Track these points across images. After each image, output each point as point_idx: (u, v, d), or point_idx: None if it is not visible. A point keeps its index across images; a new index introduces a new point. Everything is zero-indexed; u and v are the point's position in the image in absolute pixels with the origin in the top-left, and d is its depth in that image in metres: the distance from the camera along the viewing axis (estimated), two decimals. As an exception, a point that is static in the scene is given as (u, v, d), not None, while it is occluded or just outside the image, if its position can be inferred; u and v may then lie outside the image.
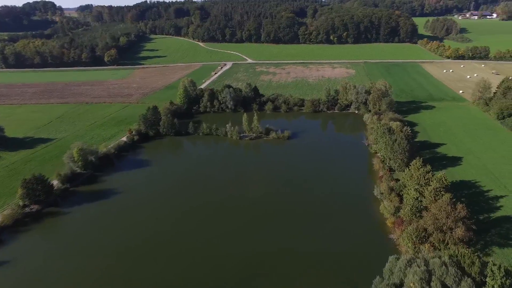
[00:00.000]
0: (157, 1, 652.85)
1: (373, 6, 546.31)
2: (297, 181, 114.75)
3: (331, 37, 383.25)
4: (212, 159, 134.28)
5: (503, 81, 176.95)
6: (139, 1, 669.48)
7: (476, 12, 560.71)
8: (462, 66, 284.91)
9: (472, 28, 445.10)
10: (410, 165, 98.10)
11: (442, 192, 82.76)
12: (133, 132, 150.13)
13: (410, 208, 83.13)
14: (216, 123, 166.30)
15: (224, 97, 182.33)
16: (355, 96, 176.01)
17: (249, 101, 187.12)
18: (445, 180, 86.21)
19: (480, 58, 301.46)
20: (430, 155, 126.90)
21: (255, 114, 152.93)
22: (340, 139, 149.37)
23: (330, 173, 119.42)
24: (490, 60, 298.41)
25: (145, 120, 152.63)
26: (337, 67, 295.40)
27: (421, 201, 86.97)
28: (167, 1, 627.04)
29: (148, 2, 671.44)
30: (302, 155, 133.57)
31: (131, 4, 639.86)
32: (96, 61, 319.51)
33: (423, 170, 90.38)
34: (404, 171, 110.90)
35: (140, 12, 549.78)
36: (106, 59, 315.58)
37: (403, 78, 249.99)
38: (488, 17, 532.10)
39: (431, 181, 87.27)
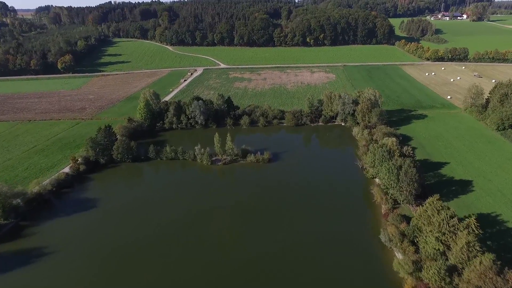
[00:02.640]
0: (122, 2, 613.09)
1: (347, 7, 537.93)
2: (280, 220, 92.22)
3: (308, 39, 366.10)
4: (178, 193, 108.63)
5: (495, 87, 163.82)
6: (103, 2, 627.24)
7: (447, 13, 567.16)
8: (443, 68, 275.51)
9: (446, 28, 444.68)
10: (425, 204, 78.11)
11: (477, 247, 62.94)
12: (79, 160, 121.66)
13: (438, 271, 62.47)
14: (184, 143, 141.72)
15: (192, 111, 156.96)
16: (341, 107, 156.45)
17: (222, 114, 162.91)
18: (477, 228, 66.60)
19: (460, 59, 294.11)
20: (435, 179, 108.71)
21: (229, 133, 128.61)
22: (328, 160, 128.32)
23: (321, 207, 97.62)
24: (469, 61, 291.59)
25: (94, 144, 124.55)
26: (316, 71, 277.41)
27: (446, 256, 66.87)
28: (133, 2, 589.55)
29: (113, 3, 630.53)
30: (286, 184, 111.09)
31: (94, 5, 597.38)
32: (48, 68, 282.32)
33: (445, 213, 70.36)
34: (411, 204, 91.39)
35: (103, 13, 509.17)
36: (59, 66, 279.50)
37: (386, 82, 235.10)
38: (458, 18, 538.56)
39: (459, 229, 67.34)
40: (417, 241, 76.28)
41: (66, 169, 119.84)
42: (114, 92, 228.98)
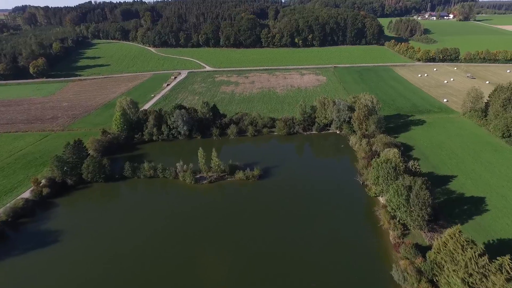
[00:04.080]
0: (103, 2, 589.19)
1: (334, 6, 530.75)
2: (273, 250, 79.65)
3: (296, 40, 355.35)
4: (157, 219, 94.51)
5: (495, 91, 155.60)
6: (82, 2, 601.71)
7: (434, 13, 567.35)
8: (435, 69, 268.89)
9: (434, 28, 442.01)
10: (444, 235, 66.88)
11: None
12: (42, 183, 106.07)
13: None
14: (165, 157, 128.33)
15: (174, 121, 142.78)
16: (336, 114, 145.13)
17: (208, 124, 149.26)
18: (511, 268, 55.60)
19: (451, 60, 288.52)
20: (445, 196, 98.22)
21: (214, 149, 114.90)
22: (325, 176, 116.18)
23: (320, 236, 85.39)
24: (461, 62, 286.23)
25: (60, 163, 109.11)
26: (305, 73, 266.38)
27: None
28: (114, 2, 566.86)
29: (93, 2, 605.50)
30: (278, 207, 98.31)
31: (73, 5, 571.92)
32: (18, 73, 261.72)
33: (473, 252, 59.12)
34: (424, 229, 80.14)
35: (82, 14, 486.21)
36: (31, 70, 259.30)
37: (379, 85, 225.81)
38: (445, 17, 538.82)
39: (490, 271, 56.14)
40: (437, 281, 64.96)
41: (27, 193, 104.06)
42: (91, 99, 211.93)
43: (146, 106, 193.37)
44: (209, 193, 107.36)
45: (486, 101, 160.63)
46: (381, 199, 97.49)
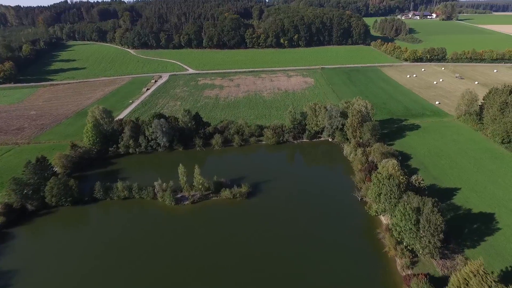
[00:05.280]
0: (80, 1, 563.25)
1: (318, 6, 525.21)
2: (265, 283, 69.18)
3: (282, 40, 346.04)
4: (133, 248, 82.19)
5: (490, 93, 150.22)
6: (57, 1, 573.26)
7: (417, 12, 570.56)
8: (423, 69, 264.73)
9: (418, 28, 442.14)
10: (463, 270, 57.72)
11: None
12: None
13: None
14: (143, 173, 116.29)
15: (153, 132, 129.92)
16: (328, 120, 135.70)
17: (190, 134, 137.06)
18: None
19: (438, 60, 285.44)
20: (451, 213, 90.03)
21: (197, 166, 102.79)
22: (320, 190, 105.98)
23: (317, 263, 75.30)
24: (448, 62, 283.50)
25: (19, 186, 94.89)
26: (292, 75, 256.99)
27: None
28: (91, 1, 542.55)
29: (69, 2, 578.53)
30: (270, 229, 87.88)
31: (47, 4, 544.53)
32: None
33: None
34: (435, 257, 71.03)
35: (56, 14, 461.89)
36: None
37: (369, 87, 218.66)
38: (428, 17, 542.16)
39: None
40: (458, 326, 55.74)
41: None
42: (63, 106, 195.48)
43: (124, 114, 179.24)
44: (191, 216, 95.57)
45: (480, 104, 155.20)
46: (383, 219, 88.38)
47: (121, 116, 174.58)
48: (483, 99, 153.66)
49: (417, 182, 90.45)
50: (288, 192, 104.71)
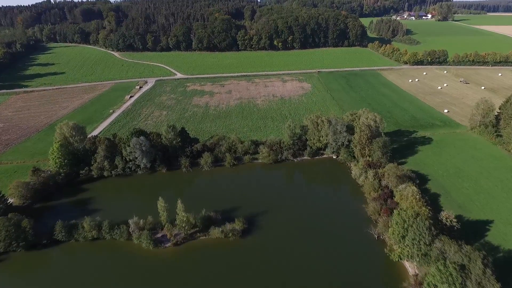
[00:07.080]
0: (63, 0, 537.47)
1: (312, 6, 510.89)
2: None
3: (275, 42, 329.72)
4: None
5: (508, 102, 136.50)
6: (39, 1, 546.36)
7: (412, 12, 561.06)
8: (424, 73, 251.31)
9: (415, 29, 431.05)
10: None
11: None
12: None
13: None
14: (118, 202, 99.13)
15: (131, 152, 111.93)
16: (333, 136, 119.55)
17: (175, 152, 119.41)
18: None
19: (439, 63, 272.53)
20: (489, 255, 74.08)
21: (179, 201, 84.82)
22: (328, 225, 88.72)
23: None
24: (449, 65, 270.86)
25: (-42, 229, 76.18)
26: (288, 80, 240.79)
27: None
28: (75, 0, 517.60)
29: (52, 2, 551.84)
30: (270, 278, 71.21)
31: (27, 3, 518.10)
32: None
33: None
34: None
35: (37, 14, 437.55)
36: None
37: (369, 93, 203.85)
38: (424, 17, 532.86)
39: None
40: None
41: None
42: (34, 117, 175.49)
43: (103, 126, 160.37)
44: (174, 262, 78.17)
45: (496, 113, 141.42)
46: (409, 266, 72.30)
47: (99, 129, 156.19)
48: (500, 109, 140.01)
49: (447, 220, 74.69)
50: (289, 228, 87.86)
